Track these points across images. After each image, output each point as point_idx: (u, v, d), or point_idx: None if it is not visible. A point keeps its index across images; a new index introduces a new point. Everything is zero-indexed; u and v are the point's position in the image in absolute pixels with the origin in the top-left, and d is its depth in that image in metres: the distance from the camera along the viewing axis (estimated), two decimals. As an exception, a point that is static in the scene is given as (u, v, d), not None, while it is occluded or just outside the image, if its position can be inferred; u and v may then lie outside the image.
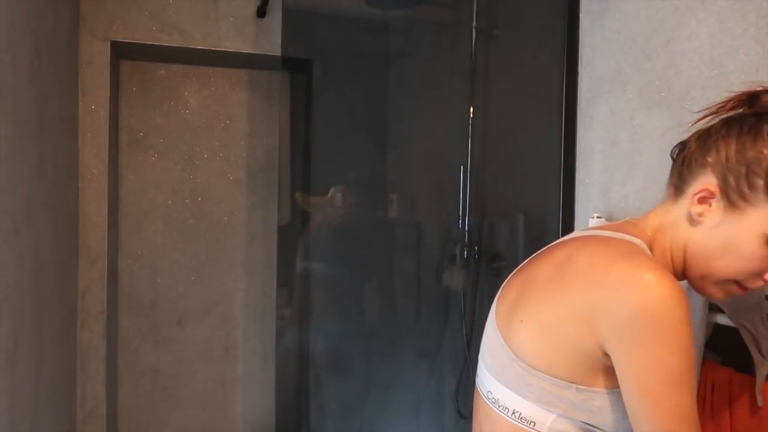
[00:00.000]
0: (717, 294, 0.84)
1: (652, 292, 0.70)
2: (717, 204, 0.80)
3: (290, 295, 2.61)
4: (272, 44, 2.47)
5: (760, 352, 1.15)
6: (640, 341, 0.71)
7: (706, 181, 0.81)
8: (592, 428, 0.80)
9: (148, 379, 2.63)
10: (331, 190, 2.47)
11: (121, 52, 2.45)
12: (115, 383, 2.54)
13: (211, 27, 2.41)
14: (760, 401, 1.14)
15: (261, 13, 2.42)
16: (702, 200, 0.81)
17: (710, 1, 1.38)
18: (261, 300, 2.75)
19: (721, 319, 1.25)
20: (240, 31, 2.44)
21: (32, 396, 1.67)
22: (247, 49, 2.45)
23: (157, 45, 2.37)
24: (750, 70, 1.28)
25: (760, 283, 0.81)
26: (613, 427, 0.80)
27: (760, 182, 0.77)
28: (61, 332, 2.06)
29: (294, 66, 2.60)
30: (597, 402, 0.79)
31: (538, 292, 0.82)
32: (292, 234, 2.59)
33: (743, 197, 0.78)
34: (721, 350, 1.30)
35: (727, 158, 0.79)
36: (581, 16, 1.80)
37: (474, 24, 2.24)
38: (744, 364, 1.25)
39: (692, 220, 0.82)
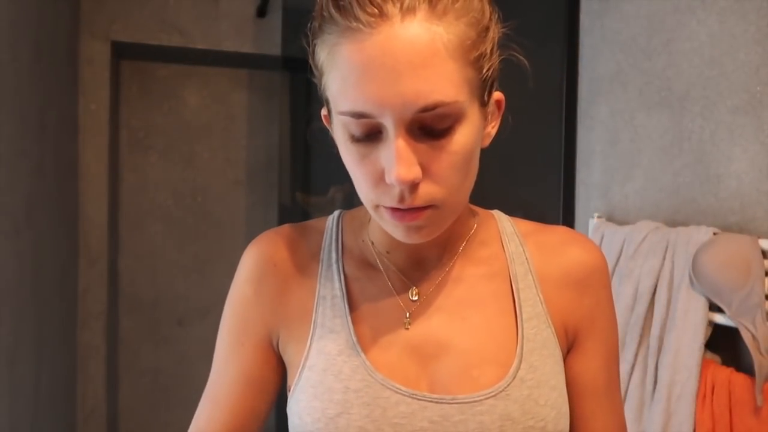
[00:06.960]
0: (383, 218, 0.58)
1: None
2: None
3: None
4: (272, 44, 2.47)
5: (760, 352, 1.15)
6: None
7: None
8: None
9: (148, 379, 2.63)
10: (331, 190, 2.47)
11: (121, 52, 2.45)
12: (115, 383, 2.54)
13: (211, 27, 2.41)
14: (759, 401, 1.14)
15: (261, 13, 2.42)
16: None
17: (710, 1, 1.38)
18: (261, 300, 2.75)
19: (721, 319, 1.25)
20: (240, 31, 2.44)
21: (32, 396, 1.67)
22: (247, 49, 2.45)
23: (157, 45, 2.37)
24: (750, 70, 1.28)
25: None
26: None
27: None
28: (61, 332, 2.06)
29: (294, 66, 2.60)
30: None
31: None
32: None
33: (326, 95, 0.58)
34: (721, 350, 1.30)
35: None
36: (581, 16, 1.80)
37: (474, 24, 2.23)
38: (744, 364, 1.25)
39: None
